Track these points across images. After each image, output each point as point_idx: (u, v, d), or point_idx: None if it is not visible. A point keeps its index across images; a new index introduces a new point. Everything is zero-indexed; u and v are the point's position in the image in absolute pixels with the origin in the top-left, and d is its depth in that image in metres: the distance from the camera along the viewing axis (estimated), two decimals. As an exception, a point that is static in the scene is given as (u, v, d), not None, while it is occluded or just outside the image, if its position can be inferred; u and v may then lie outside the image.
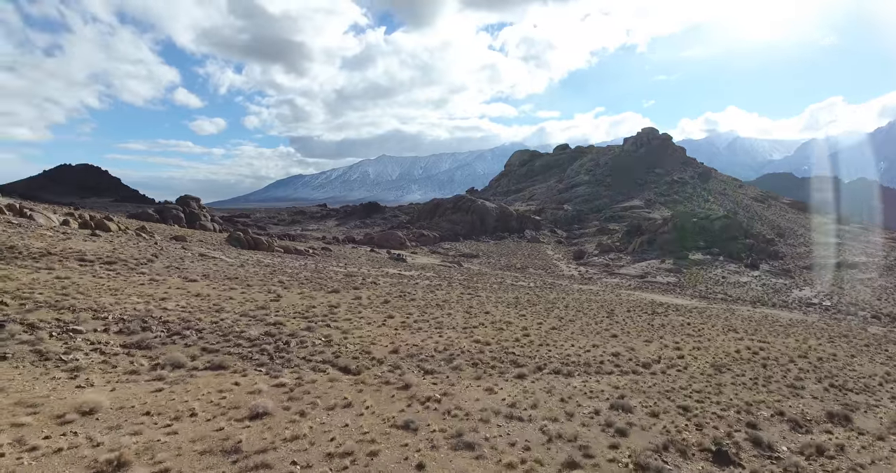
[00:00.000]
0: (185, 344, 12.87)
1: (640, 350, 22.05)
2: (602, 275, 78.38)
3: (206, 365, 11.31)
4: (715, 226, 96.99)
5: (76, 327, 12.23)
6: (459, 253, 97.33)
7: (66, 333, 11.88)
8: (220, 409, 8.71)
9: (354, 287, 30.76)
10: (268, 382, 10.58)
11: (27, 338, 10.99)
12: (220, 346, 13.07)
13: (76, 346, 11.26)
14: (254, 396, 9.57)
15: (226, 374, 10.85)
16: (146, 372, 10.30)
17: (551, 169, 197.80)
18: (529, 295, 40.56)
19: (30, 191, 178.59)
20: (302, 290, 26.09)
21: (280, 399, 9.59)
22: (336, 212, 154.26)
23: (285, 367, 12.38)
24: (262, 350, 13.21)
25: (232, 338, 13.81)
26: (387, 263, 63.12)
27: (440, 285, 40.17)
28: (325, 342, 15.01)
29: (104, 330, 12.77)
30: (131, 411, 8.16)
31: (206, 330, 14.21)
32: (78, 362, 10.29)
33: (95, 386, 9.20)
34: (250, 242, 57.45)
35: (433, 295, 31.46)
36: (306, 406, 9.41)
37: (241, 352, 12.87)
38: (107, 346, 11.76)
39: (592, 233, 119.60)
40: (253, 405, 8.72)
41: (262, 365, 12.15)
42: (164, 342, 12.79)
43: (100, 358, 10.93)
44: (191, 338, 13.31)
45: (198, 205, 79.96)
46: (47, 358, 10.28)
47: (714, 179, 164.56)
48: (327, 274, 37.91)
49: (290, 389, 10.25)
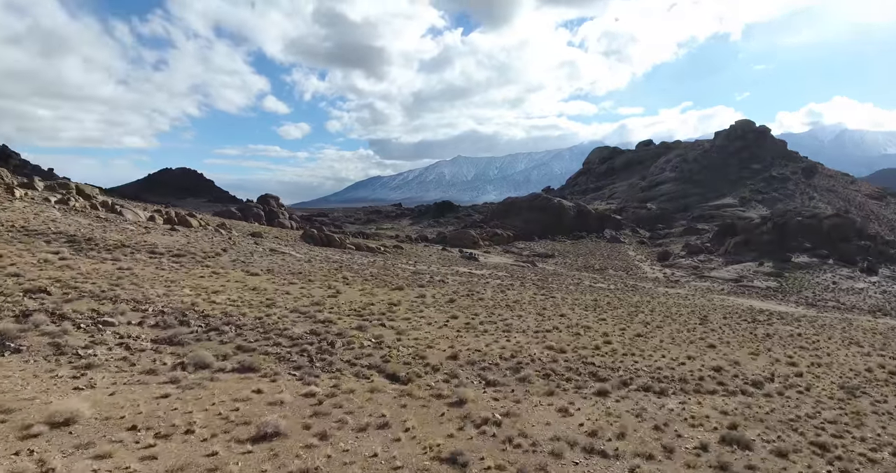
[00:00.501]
0: (220, 341, 11.66)
1: (746, 364, 18.68)
2: (690, 278, 72.28)
3: (234, 367, 9.95)
4: (823, 225, 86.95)
5: (110, 319, 11.37)
6: (534, 253, 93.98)
7: (95, 325, 11.03)
8: (226, 425, 7.20)
9: (420, 285, 29.20)
10: (297, 390, 8.99)
11: (50, 330, 10.18)
12: (258, 345, 11.74)
13: (101, 340, 10.31)
14: (273, 408, 8.00)
15: (253, 378, 9.40)
16: (164, 373, 9.06)
17: (633, 166, 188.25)
18: (609, 298, 37.28)
19: (135, 193, 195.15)
20: (364, 287, 24.83)
21: (302, 414, 7.94)
22: (410, 211, 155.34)
23: (324, 371, 10.80)
24: (302, 350, 11.74)
25: (273, 336, 12.47)
26: (458, 262, 61.49)
27: (512, 285, 37.84)
28: (375, 343, 13.34)
29: (139, 323, 11.85)
30: (116, 423, 6.82)
31: (247, 326, 12.99)
32: (94, 358, 9.26)
33: (97, 387, 8.04)
34: (323, 239, 57.89)
35: (503, 296, 29.25)
36: (332, 426, 7.68)
37: (279, 352, 11.45)
38: (136, 341, 10.75)
39: (679, 234, 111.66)
40: (263, 422, 7.10)
41: (297, 369, 10.63)
42: (199, 338, 11.64)
43: (121, 354, 9.88)
44: (228, 335, 12.09)
45: (277, 204, 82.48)
46: (63, 352, 9.33)
47: (820, 174, 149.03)
48: (394, 271, 36.74)
49: (320, 401, 8.59)
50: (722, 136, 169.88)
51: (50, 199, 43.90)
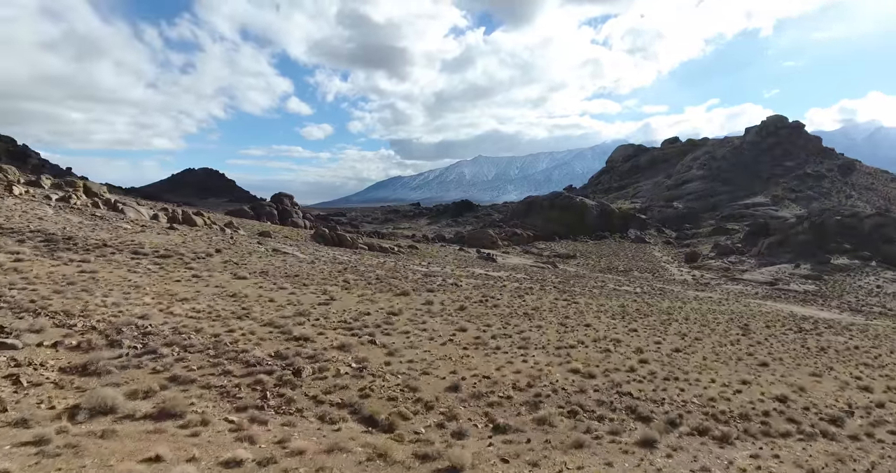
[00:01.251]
0: (152, 370, 9.12)
1: (812, 389, 15.55)
2: (721, 281, 68.20)
3: (149, 412, 7.36)
4: (865, 225, 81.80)
5: (9, 341, 8.92)
6: (555, 254, 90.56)
7: (-12, 349, 8.59)
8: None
9: (429, 289, 26.50)
10: (219, 452, 6.37)
11: None
12: (200, 374, 9.17)
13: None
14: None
15: (167, 431, 6.81)
16: (41, 423, 6.54)
17: (659, 164, 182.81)
18: (638, 303, 34.10)
19: (158, 193, 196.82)
20: (364, 292, 22.23)
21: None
22: (429, 210, 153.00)
23: (279, 413, 8.16)
24: (256, 382, 9.11)
25: (224, 362, 9.88)
26: (474, 263, 58.67)
27: (531, 288, 34.92)
28: (356, 370, 10.67)
29: (54, 345, 9.42)
30: None
31: (196, 347, 10.43)
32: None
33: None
34: (334, 239, 55.69)
35: (521, 301, 26.38)
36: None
37: (225, 386, 8.85)
38: (36, 370, 8.28)
39: (707, 234, 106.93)
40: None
41: (241, 411, 8.01)
42: (126, 365, 9.12)
43: (3, 390, 7.40)
44: (166, 360, 9.55)
45: (290, 203, 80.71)
46: None
47: (858, 172, 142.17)
48: (404, 273, 34.11)
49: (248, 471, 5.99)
50: (753, 132, 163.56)
51: (51, 197, 42.39)
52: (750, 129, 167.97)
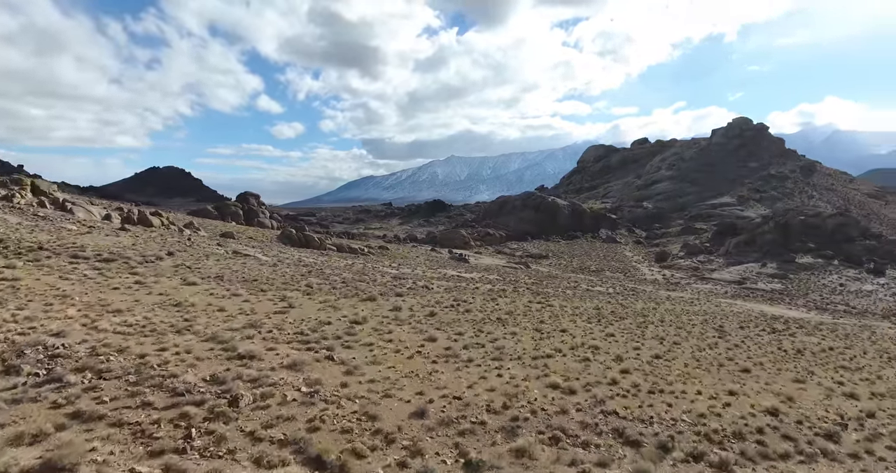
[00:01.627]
0: (51, 403, 7.53)
1: (800, 398, 14.77)
2: (691, 280, 68.63)
3: (29, 465, 5.83)
4: (828, 224, 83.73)
5: None
6: (527, 254, 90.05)
7: None
8: None
9: (398, 293, 25.10)
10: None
11: None
12: (112, 407, 7.61)
13: None
14: None
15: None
16: None
17: (629, 164, 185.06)
18: (612, 305, 33.39)
19: (119, 192, 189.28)
20: (327, 298, 20.70)
21: None
22: (400, 210, 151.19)
23: (204, 457, 6.70)
24: (182, 415, 7.60)
25: (146, 390, 8.32)
26: (446, 264, 57.43)
27: (504, 290, 33.84)
28: (306, 395, 9.23)
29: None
30: None
31: (114, 371, 8.84)
32: None
33: None
34: (301, 240, 53.68)
35: (494, 305, 25.22)
36: None
37: (141, 422, 7.32)
38: None
39: (676, 233, 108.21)
40: None
41: (156, 455, 6.52)
42: (20, 398, 7.50)
43: None
44: (73, 390, 7.95)
45: (257, 202, 78.04)
46: None
47: (819, 173, 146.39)
48: (372, 275, 32.61)
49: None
50: (719, 134, 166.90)
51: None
52: (717, 131, 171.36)
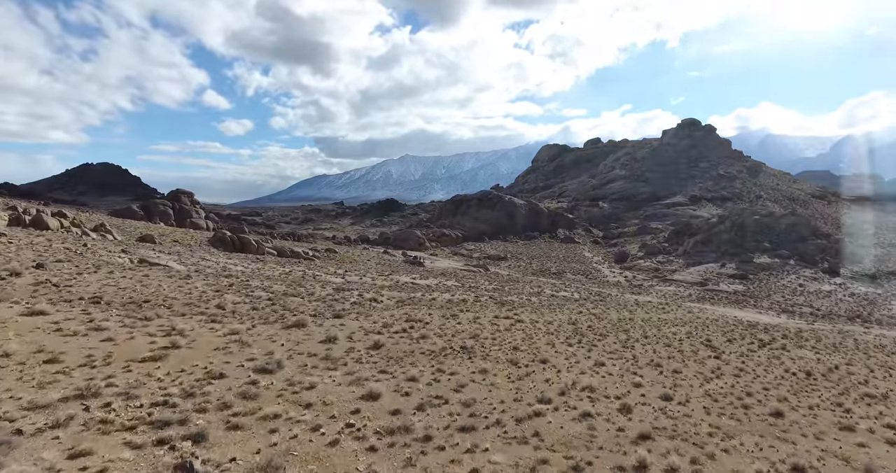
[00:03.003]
0: None
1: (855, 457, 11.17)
2: (653, 282, 66.70)
3: None
4: (780, 224, 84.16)
5: None
6: (485, 255, 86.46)
7: None
8: None
9: (337, 313, 20.34)
10: None
11: None
12: None
13: None
14: None
15: None
16: None
17: (582, 164, 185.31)
18: (585, 316, 29.74)
19: (45, 190, 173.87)
20: (238, 327, 15.76)
21: None
22: (352, 210, 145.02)
23: None
24: None
25: None
26: (400, 268, 52.75)
27: (465, 301, 29.60)
28: None
29: None
30: None
31: None
32: None
33: None
34: (236, 243, 47.80)
35: (456, 325, 20.88)
36: None
37: None
38: None
39: (633, 233, 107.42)
40: None
41: None
42: None
43: None
44: None
45: (190, 201, 70.89)
46: None
47: (765, 173, 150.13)
48: (311, 287, 27.64)
49: None
50: (670, 135, 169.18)
51: None
52: (667, 132, 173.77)
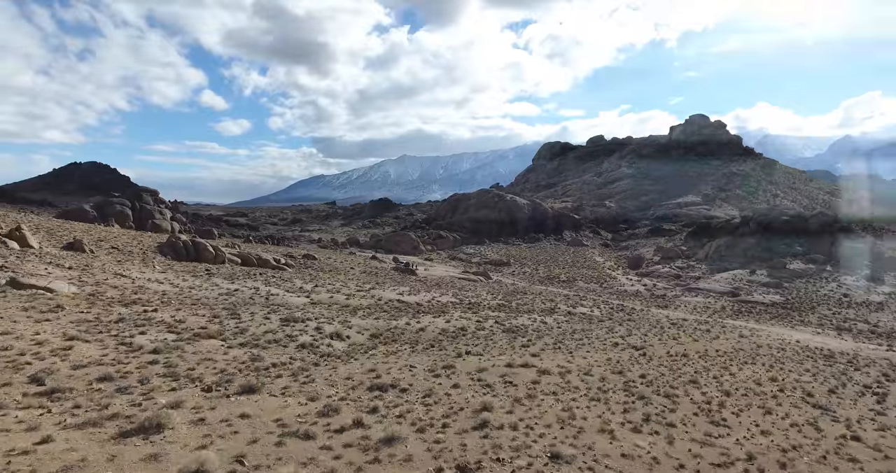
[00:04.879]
0: None
1: None
2: (677, 291, 59.03)
3: None
4: (811, 225, 76.52)
5: None
6: (486, 260, 78.77)
7: None
8: None
9: (252, 380, 12.58)
10: None
11: None
12: None
13: None
14: None
15: None
16: None
17: (586, 162, 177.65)
18: (628, 354, 22.08)
19: (29, 190, 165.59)
20: (12, 444, 7.97)
21: None
22: (344, 210, 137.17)
23: None
24: None
25: None
26: (387, 278, 44.94)
27: (463, 331, 21.91)
28: None
29: None
30: None
31: None
32: None
33: None
34: (190, 251, 40.06)
35: (448, 397, 13.14)
36: None
37: None
38: None
39: (645, 235, 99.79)
40: None
41: None
42: None
43: None
44: None
45: (154, 200, 63.09)
46: None
47: (779, 171, 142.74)
48: (247, 319, 19.87)
49: None
50: (678, 131, 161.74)
51: None
52: (675, 128, 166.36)
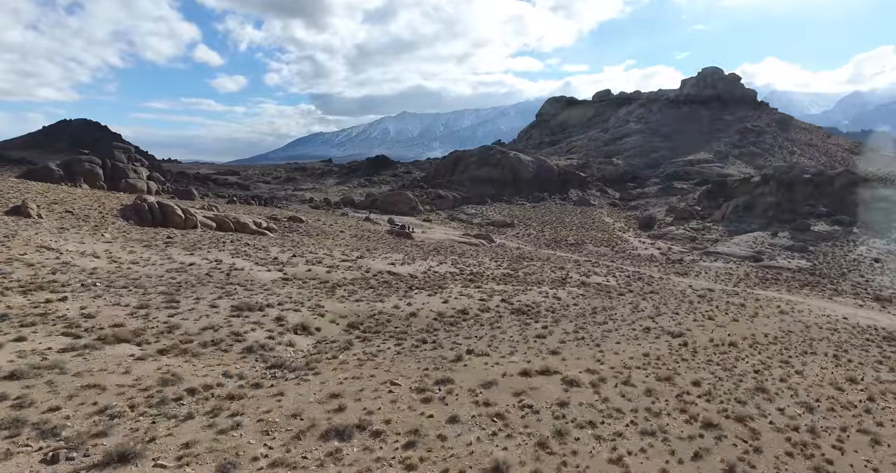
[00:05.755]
0: None
1: None
2: (694, 255, 54.88)
3: None
4: (835, 184, 71.59)
5: None
6: (488, 221, 74.36)
7: None
8: None
9: (131, 447, 8.50)
10: None
11: None
12: None
13: None
14: None
15: None
16: None
17: (592, 118, 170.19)
18: (666, 345, 18.04)
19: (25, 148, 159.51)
20: None
21: None
22: (339, 168, 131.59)
23: None
24: None
25: None
26: (380, 243, 40.63)
27: (463, 314, 17.77)
28: None
29: None
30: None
31: None
32: None
33: None
34: (156, 214, 35.63)
35: (445, 431, 8.98)
36: None
37: None
38: None
39: (655, 194, 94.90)
40: None
41: None
42: None
43: None
44: None
45: (128, 157, 58.07)
46: None
47: (795, 127, 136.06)
48: (200, 307, 15.65)
49: None
50: (689, 85, 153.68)
51: None
52: (686, 82, 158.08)
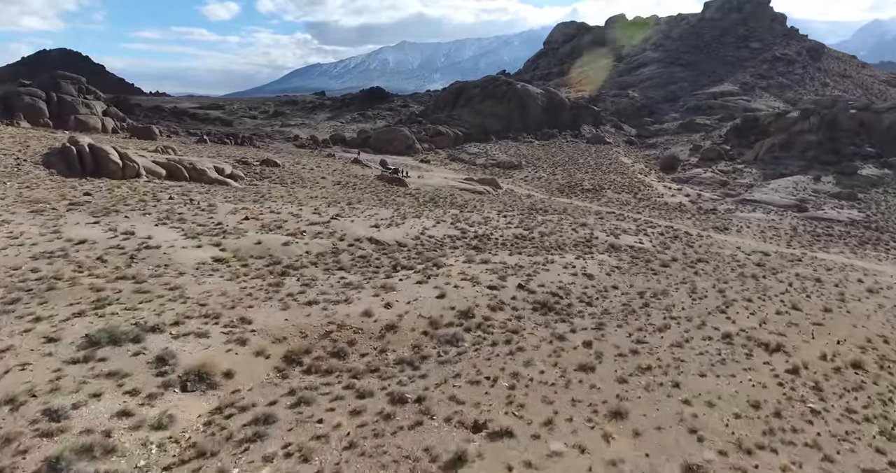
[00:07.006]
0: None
1: None
2: (728, 203, 48.37)
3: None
4: (884, 121, 63.62)
5: None
6: (493, 162, 67.20)
7: None
8: None
9: None
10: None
11: None
12: None
13: None
14: None
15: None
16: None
17: (604, 46, 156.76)
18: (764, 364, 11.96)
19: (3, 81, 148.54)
20: None
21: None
22: (332, 102, 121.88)
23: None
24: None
25: None
26: (366, 193, 34.05)
27: (462, 320, 11.81)
28: None
29: None
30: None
31: None
32: None
33: None
34: (87, 162, 28.91)
35: None
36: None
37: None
38: None
39: (675, 131, 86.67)
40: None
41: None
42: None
43: None
44: None
45: (76, 90, 50.14)
46: None
47: (827, 57, 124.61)
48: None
49: None
50: (713, 8, 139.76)
51: None
52: (710, 5, 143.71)
